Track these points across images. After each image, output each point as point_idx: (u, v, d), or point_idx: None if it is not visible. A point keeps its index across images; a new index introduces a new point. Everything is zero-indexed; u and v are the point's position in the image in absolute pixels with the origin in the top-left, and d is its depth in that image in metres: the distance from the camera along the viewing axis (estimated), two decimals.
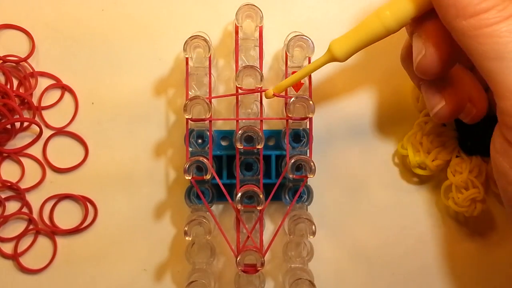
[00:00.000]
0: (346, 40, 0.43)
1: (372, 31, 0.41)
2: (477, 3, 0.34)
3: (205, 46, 0.52)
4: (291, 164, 0.51)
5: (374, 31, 0.41)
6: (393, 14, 0.40)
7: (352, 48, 0.42)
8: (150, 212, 0.57)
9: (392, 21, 0.41)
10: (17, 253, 0.57)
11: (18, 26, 0.58)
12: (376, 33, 0.41)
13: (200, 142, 0.54)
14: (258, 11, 0.52)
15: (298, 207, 0.56)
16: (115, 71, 0.58)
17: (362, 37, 0.41)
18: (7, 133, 0.56)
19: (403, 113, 0.58)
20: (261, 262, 0.52)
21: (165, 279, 0.58)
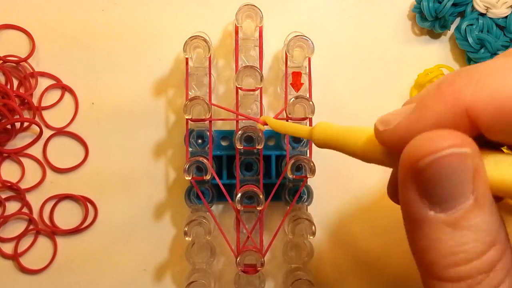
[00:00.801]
0: (328, 134, 0.37)
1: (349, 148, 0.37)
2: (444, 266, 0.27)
3: (205, 46, 0.52)
4: (291, 164, 0.51)
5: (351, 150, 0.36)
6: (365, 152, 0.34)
7: (328, 145, 0.38)
8: (150, 212, 0.57)
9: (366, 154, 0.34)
10: (17, 253, 0.57)
11: (18, 26, 0.58)
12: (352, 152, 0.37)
13: (200, 142, 0.54)
14: (258, 11, 0.52)
15: (298, 207, 0.56)
16: (115, 71, 0.58)
17: (340, 143, 0.37)
18: (7, 133, 0.56)
19: None
20: (261, 262, 0.52)
21: (165, 279, 0.58)
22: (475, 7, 0.57)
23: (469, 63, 0.58)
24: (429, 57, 0.59)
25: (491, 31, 0.56)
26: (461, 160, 0.25)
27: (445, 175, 0.26)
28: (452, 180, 0.26)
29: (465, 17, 0.57)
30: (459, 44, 0.57)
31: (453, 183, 0.26)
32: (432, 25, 0.57)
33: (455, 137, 0.26)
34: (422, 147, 0.26)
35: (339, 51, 0.59)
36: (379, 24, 0.59)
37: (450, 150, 0.25)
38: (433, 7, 0.56)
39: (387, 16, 0.59)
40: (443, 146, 0.25)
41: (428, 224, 0.27)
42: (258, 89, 0.52)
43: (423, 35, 0.60)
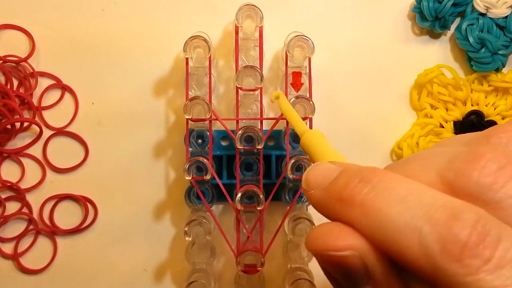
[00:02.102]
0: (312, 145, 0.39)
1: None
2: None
3: (205, 46, 0.52)
4: (291, 164, 0.51)
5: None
6: None
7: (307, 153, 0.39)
8: (150, 212, 0.58)
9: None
10: (17, 253, 0.57)
11: (18, 26, 0.58)
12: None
13: (200, 142, 0.54)
14: (258, 11, 0.52)
15: (298, 207, 0.56)
16: (115, 71, 0.58)
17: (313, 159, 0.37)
18: (7, 133, 0.56)
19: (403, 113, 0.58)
20: (261, 262, 0.52)
21: (165, 279, 0.58)
22: (475, 7, 0.57)
23: (470, 62, 0.58)
24: (429, 57, 0.59)
25: (491, 31, 0.56)
26: (342, 260, 0.27)
27: (334, 268, 0.28)
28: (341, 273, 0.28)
29: (465, 17, 0.57)
30: (460, 44, 0.57)
31: (344, 275, 0.28)
32: (432, 25, 0.57)
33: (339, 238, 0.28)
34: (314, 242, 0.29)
35: (339, 51, 0.59)
36: (379, 24, 0.59)
37: (328, 253, 0.28)
38: (433, 7, 0.56)
39: (387, 16, 0.59)
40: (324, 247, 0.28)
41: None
42: (258, 89, 0.52)
43: (423, 35, 0.60)
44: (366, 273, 0.28)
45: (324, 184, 0.30)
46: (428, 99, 0.58)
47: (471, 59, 0.57)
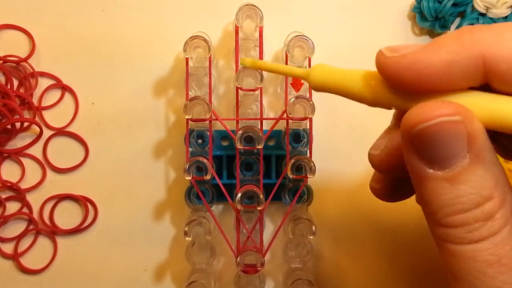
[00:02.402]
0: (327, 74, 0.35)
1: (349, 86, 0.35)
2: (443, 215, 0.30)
3: (205, 46, 0.52)
4: (291, 164, 0.51)
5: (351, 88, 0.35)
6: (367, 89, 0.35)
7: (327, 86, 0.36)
8: (150, 212, 0.57)
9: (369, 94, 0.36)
10: (17, 253, 0.57)
11: (18, 26, 0.58)
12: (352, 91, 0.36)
13: (200, 142, 0.54)
14: (258, 11, 0.52)
15: (298, 207, 0.56)
16: (115, 71, 0.58)
17: (339, 82, 0.35)
18: (7, 133, 0.56)
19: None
20: (261, 262, 0.52)
21: (165, 279, 0.58)
22: (475, 7, 0.57)
23: None
24: None
25: None
26: (451, 126, 0.28)
27: (437, 139, 0.29)
28: (445, 144, 0.29)
29: (465, 17, 0.57)
30: None
31: (447, 146, 0.29)
32: (432, 25, 0.57)
33: (446, 106, 0.29)
34: (417, 115, 0.29)
35: (339, 51, 0.59)
36: (379, 24, 0.59)
37: (439, 119, 0.28)
38: (433, 7, 0.56)
39: (387, 16, 0.59)
40: (434, 115, 0.28)
41: (428, 180, 0.30)
42: (258, 89, 0.52)
43: (423, 35, 0.60)
44: (467, 140, 0.29)
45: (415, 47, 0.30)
46: None
47: None
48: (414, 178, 0.31)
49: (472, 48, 0.28)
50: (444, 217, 0.30)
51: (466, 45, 0.28)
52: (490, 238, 0.29)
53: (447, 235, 0.30)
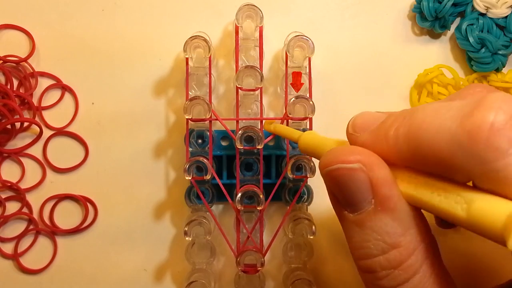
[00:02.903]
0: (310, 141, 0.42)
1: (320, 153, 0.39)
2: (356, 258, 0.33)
3: (205, 46, 0.52)
4: (291, 164, 0.51)
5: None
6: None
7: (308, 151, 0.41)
8: (150, 212, 0.57)
9: None
10: (17, 253, 0.57)
11: (18, 26, 0.58)
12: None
13: (200, 142, 0.54)
14: (258, 11, 0.52)
15: (298, 207, 0.56)
16: (115, 71, 0.58)
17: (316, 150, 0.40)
18: (7, 133, 0.56)
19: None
20: (261, 262, 0.52)
21: (165, 279, 0.58)
22: (475, 7, 0.57)
23: (470, 62, 0.58)
24: (429, 57, 0.59)
25: (491, 31, 0.56)
26: (349, 172, 0.31)
27: (340, 183, 0.32)
28: (348, 188, 0.31)
29: (465, 17, 0.57)
30: (460, 44, 0.57)
31: (350, 191, 0.31)
32: (432, 25, 0.57)
33: (349, 153, 0.32)
34: (325, 158, 0.33)
35: (339, 51, 0.59)
36: (379, 24, 0.59)
37: (338, 165, 0.31)
38: (433, 7, 0.56)
39: (387, 16, 0.59)
40: (335, 160, 0.32)
41: (344, 221, 0.33)
42: (258, 89, 0.52)
43: (423, 35, 0.60)
44: (370, 187, 0.31)
45: (371, 127, 0.33)
46: (428, 99, 0.58)
47: (471, 59, 0.57)
48: (337, 217, 0.34)
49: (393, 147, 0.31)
50: (357, 260, 0.33)
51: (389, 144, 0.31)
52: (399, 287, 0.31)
53: (363, 278, 0.33)
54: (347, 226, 0.33)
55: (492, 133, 0.26)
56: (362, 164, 0.31)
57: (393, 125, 0.31)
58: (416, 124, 0.29)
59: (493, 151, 0.26)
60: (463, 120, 0.27)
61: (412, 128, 0.29)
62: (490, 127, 0.26)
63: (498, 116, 0.26)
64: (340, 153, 0.32)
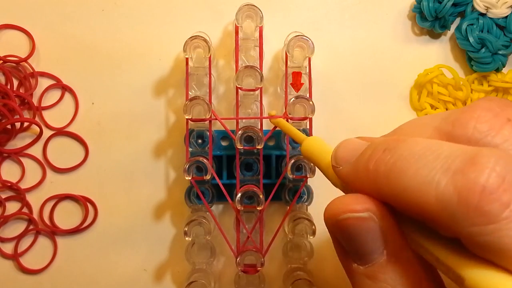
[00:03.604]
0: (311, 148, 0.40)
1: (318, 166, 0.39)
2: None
3: (205, 46, 0.52)
4: (291, 164, 0.51)
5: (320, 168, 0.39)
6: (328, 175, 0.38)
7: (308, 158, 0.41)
8: (150, 212, 0.57)
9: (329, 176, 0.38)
10: (17, 253, 0.57)
11: (18, 26, 0.58)
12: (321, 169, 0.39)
13: (200, 142, 0.54)
14: (258, 11, 0.52)
15: (298, 207, 0.56)
16: (115, 71, 0.58)
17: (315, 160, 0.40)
18: (7, 133, 0.56)
19: (403, 113, 0.58)
20: (261, 262, 0.52)
21: (165, 279, 0.58)
22: (475, 7, 0.57)
23: (470, 62, 0.58)
24: (429, 57, 0.59)
25: (491, 31, 0.56)
26: (359, 222, 0.29)
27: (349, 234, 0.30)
28: (358, 239, 0.30)
29: (465, 17, 0.57)
30: (460, 44, 0.57)
31: (361, 241, 0.30)
32: (432, 25, 0.57)
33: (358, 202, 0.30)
34: (331, 207, 0.30)
35: (339, 51, 0.59)
36: (379, 24, 0.59)
37: (347, 215, 0.29)
38: (433, 7, 0.56)
39: (387, 16, 0.59)
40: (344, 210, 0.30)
41: (352, 274, 0.31)
42: (258, 89, 0.52)
43: (423, 35, 0.60)
44: (381, 237, 0.29)
45: (352, 159, 0.32)
46: (428, 99, 0.58)
47: (471, 59, 0.57)
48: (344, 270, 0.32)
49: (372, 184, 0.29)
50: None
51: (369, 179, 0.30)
52: None
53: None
54: (357, 279, 0.31)
55: (484, 196, 0.24)
56: (372, 212, 0.29)
57: (372, 158, 0.30)
58: (399, 168, 0.28)
59: (482, 216, 0.24)
60: (454, 178, 0.25)
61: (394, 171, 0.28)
62: (482, 190, 0.24)
63: (491, 179, 0.25)
64: (347, 202, 0.30)
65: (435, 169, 0.26)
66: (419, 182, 0.26)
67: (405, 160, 0.28)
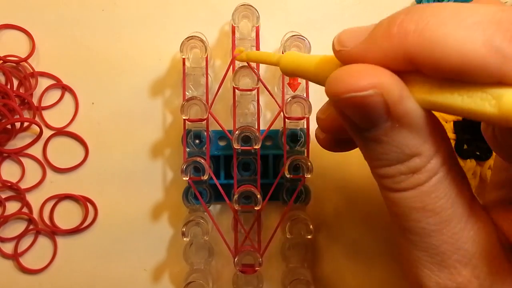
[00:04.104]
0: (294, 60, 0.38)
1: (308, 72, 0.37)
2: (373, 167, 0.33)
3: (202, 47, 0.52)
4: (288, 164, 0.51)
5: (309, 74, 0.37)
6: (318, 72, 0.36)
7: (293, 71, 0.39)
8: (148, 212, 0.58)
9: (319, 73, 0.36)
10: (17, 253, 0.57)
11: (18, 26, 0.58)
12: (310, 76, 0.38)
13: (198, 143, 0.54)
14: (255, 11, 0.52)
15: (295, 207, 0.56)
16: (115, 71, 0.58)
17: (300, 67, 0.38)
18: (7, 133, 0.56)
19: None
20: (259, 262, 0.52)
21: (164, 279, 0.58)
22: None
23: None
24: None
25: None
26: (364, 100, 0.29)
27: (353, 110, 0.30)
28: (363, 112, 0.30)
29: None
30: None
31: (365, 114, 0.30)
32: None
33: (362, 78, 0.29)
34: (334, 87, 0.30)
35: None
36: None
37: (349, 95, 0.29)
38: None
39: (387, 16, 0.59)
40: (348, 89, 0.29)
41: (358, 138, 0.32)
42: (255, 89, 0.52)
43: None
44: (386, 109, 0.30)
45: (361, 37, 0.31)
46: None
47: None
48: (350, 134, 0.33)
49: (398, 47, 0.29)
50: (374, 168, 0.33)
51: (393, 43, 0.29)
52: (417, 188, 0.32)
53: (379, 182, 0.34)
54: (363, 142, 0.32)
55: None
56: (377, 88, 0.29)
57: (393, 23, 0.29)
58: (433, 22, 0.27)
59: None
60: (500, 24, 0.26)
61: (431, 24, 0.27)
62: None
63: None
64: (350, 78, 0.29)
65: (478, 22, 0.26)
66: (462, 34, 0.27)
67: (439, 17, 0.28)
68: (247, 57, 0.46)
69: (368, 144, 0.32)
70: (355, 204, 0.58)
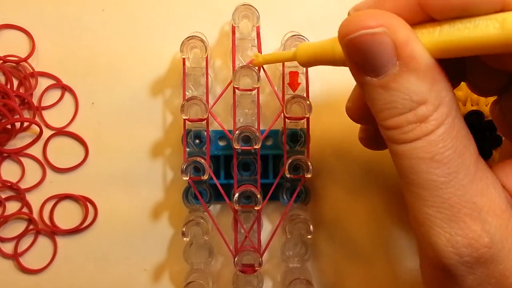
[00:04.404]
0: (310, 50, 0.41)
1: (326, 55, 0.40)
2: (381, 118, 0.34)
3: (202, 47, 0.52)
4: (288, 163, 0.51)
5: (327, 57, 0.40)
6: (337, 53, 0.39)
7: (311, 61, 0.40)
8: (149, 212, 0.58)
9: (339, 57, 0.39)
10: (17, 253, 0.57)
11: (18, 26, 0.58)
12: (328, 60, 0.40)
13: (198, 142, 0.54)
14: (255, 11, 0.52)
15: (296, 206, 0.56)
16: (115, 71, 0.58)
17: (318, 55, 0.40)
18: (7, 133, 0.56)
19: None
20: (259, 262, 0.52)
21: (164, 280, 0.58)
22: None
23: None
24: None
25: None
26: (373, 38, 0.31)
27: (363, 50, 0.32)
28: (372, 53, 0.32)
29: None
30: None
31: (374, 56, 0.32)
32: None
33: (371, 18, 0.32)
34: (345, 26, 0.32)
35: None
36: None
37: (361, 32, 0.31)
38: None
39: None
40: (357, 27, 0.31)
41: (366, 86, 0.33)
42: (255, 89, 0.52)
43: None
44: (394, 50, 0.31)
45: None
46: None
47: None
48: (358, 84, 0.35)
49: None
50: (382, 120, 0.34)
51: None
52: (424, 138, 0.32)
53: (387, 135, 0.34)
54: (370, 90, 0.33)
55: None
56: (385, 27, 0.31)
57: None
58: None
59: None
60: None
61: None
62: None
63: None
64: (360, 18, 0.32)
65: None
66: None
67: None
68: (264, 59, 0.48)
69: (377, 93, 0.33)
70: (355, 204, 0.58)
